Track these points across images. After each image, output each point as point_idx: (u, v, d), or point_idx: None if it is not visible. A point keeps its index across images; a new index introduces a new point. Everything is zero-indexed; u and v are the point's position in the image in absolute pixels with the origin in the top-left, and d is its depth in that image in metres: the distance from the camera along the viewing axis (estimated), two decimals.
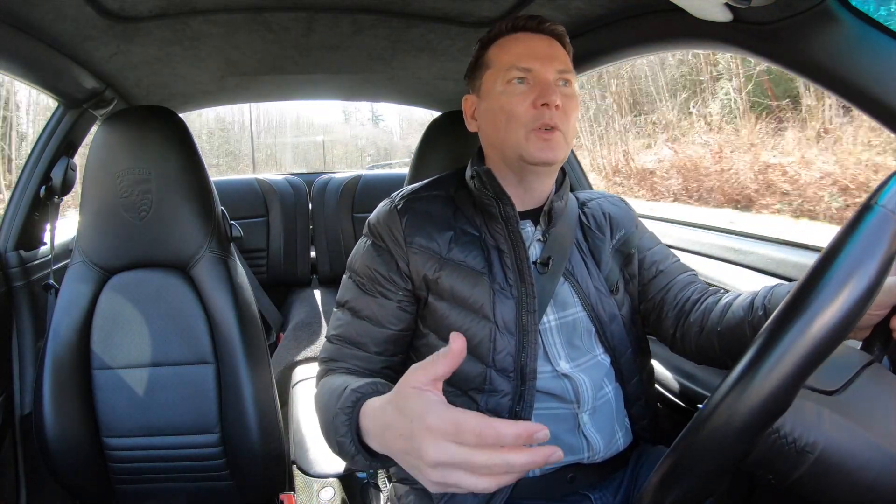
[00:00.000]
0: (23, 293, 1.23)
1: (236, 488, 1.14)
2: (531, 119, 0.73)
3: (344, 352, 0.78)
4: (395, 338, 0.78)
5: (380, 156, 13.73)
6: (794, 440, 0.46)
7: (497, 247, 0.77)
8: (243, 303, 1.12)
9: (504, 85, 0.75)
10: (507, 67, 0.75)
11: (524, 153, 0.74)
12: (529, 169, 0.76)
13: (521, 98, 0.74)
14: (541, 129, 0.73)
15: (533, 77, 0.74)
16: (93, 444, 1.08)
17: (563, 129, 0.74)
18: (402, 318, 0.78)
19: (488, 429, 0.43)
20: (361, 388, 0.61)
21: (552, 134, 0.73)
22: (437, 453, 0.44)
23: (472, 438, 0.44)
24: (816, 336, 0.41)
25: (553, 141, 0.73)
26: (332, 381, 0.71)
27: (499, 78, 0.76)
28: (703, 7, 0.71)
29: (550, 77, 0.74)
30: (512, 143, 0.75)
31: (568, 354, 0.76)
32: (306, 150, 13.76)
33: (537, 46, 0.76)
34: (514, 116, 0.74)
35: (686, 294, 0.83)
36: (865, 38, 0.61)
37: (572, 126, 0.76)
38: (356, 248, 0.83)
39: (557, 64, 0.75)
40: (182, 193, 1.09)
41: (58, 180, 1.25)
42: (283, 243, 2.01)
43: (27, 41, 0.96)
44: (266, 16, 1.05)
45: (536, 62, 0.74)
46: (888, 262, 0.41)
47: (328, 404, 0.65)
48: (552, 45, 0.77)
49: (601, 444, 0.75)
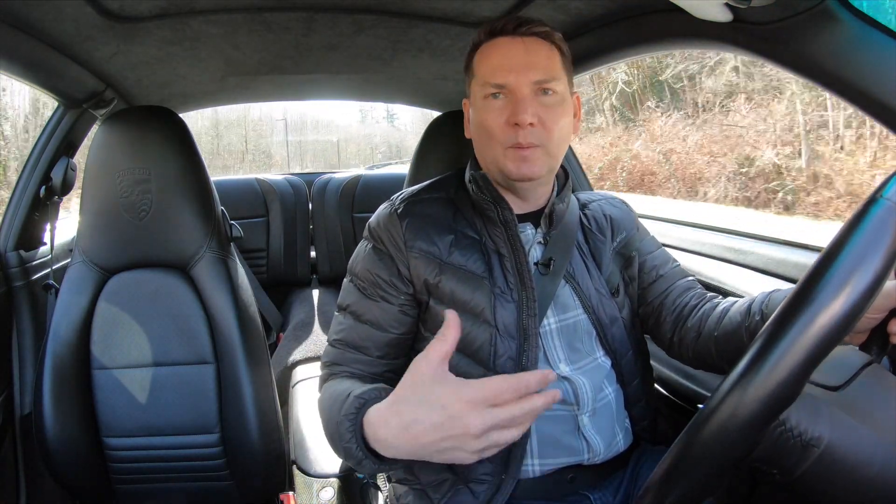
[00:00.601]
0: (23, 293, 1.23)
1: (236, 488, 1.14)
2: (506, 138, 0.72)
3: (346, 356, 0.78)
4: (397, 341, 0.78)
5: (392, 153, 14.05)
6: (801, 433, 0.47)
7: (497, 250, 0.77)
8: (243, 303, 1.12)
9: (482, 100, 0.74)
10: (482, 82, 0.74)
11: (503, 169, 0.74)
12: (514, 184, 0.76)
13: (497, 115, 0.72)
14: (515, 148, 0.72)
15: (508, 91, 0.72)
16: (93, 444, 1.08)
17: (542, 144, 0.72)
18: (403, 322, 0.78)
19: (520, 383, 0.51)
20: (364, 393, 0.61)
21: (529, 151, 0.72)
22: (483, 421, 0.50)
23: (509, 396, 0.51)
24: (826, 324, 0.41)
25: (531, 158, 0.72)
26: (335, 386, 0.71)
27: (479, 91, 0.75)
28: (703, 7, 0.71)
29: (525, 91, 0.71)
30: (492, 159, 0.75)
31: (568, 357, 0.76)
32: (324, 148, 14.18)
33: (513, 56, 0.72)
34: (490, 133, 0.73)
35: (685, 299, 0.83)
36: (865, 38, 0.61)
37: (556, 137, 0.73)
38: (357, 252, 0.82)
39: (534, 74, 0.71)
40: (182, 193, 1.09)
41: (58, 180, 1.24)
42: (283, 243, 2.01)
43: (27, 41, 0.96)
44: (266, 16, 1.05)
45: (511, 75, 0.71)
46: (893, 254, 0.41)
47: (332, 411, 0.66)
48: (531, 49, 0.72)
49: (601, 446, 0.75)
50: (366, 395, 0.61)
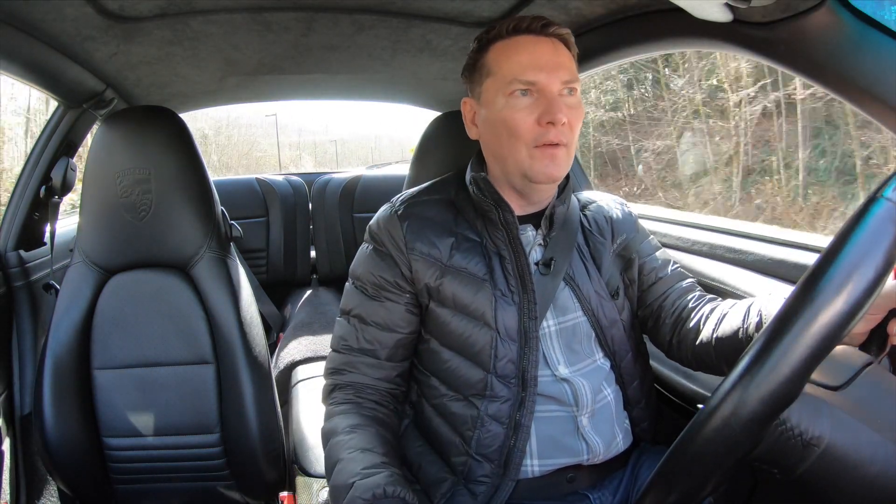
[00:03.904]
0: (23, 293, 1.23)
1: (236, 488, 1.14)
2: (535, 136, 0.71)
3: (353, 360, 0.78)
4: (405, 341, 0.78)
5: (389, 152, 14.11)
6: (801, 433, 0.47)
7: (498, 252, 0.76)
8: (243, 303, 1.12)
9: (506, 97, 0.72)
10: (509, 79, 0.71)
11: (528, 171, 0.72)
12: (532, 186, 0.75)
13: (525, 113, 0.71)
14: (544, 146, 0.71)
15: (537, 90, 0.71)
16: (93, 443, 1.08)
17: (566, 144, 0.72)
18: (410, 321, 0.78)
19: None
20: (380, 481, 0.63)
21: (556, 150, 0.71)
22: None
23: None
24: (826, 324, 0.41)
25: (557, 158, 0.71)
26: (344, 422, 0.73)
27: (501, 89, 0.72)
28: (703, 7, 0.71)
29: (556, 89, 0.71)
30: (515, 160, 0.73)
31: (567, 359, 0.76)
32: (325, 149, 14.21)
33: (542, 54, 0.72)
34: (516, 133, 0.71)
35: (684, 301, 0.82)
36: (865, 38, 0.61)
37: (576, 138, 0.74)
38: (358, 255, 0.82)
39: (563, 73, 0.71)
40: (182, 193, 1.09)
41: (58, 180, 1.25)
42: (283, 243, 2.01)
43: (27, 41, 0.96)
44: (266, 16, 1.05)
45: (541, 73, 0.70)
46: (893, 254, 0.42)
47: (339, 457, 0.68)
48: (557, 50, 0.73)
49: (601, 447, 0.75)
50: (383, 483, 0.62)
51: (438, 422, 0.77)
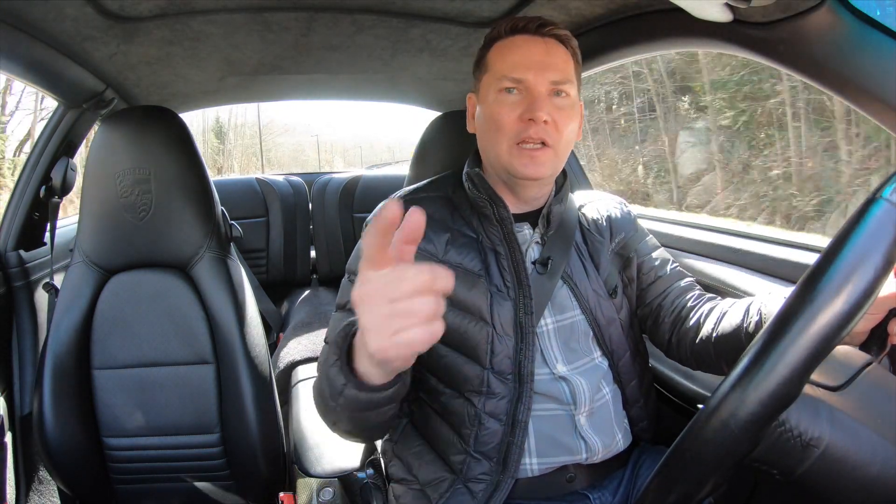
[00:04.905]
0: (23, 293, 1.23)
1: (236, 488, 1.14)
2: (516, 132, 0.72)
3: None
4: None
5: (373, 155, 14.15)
6: (800, 434, 0.47)
7: (494, 248, 0.77)
8: (243, 303, 1.12)
9: (496, 93, 0.74)
10: (499, 76, 0.74)
11: (508, 166, 0.74)
12: (516, 181, 0.76)
13: (510, 109, 0.72)
14: (526, 144, 0.72)
15: (524, 88, 0.72)
16: (93, 443, 1.08)
17: (552, 144, 0.72)
18: None
19: None
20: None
21: (539, 151, 0.72)
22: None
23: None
24: (826, 324, 0.41)
25: (540, 157, 0.72)
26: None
27: (493, 85, 0.75)
28: (703, 7, 0.71)
29: (542, 89, 0.72)
30: (496, 154, 0.75)
31: (565, 357, 0.76)
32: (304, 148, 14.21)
33: (533, 53, 0.73)
34: (500, 127, 0.73)
35: (683, 300, 0.82)
36: (865, 38, 0.61)
37: (565, 139, 0.74)
38: (355, 250, 0.82)
39: (552, 73, 0.72)
40: (182, 193, 1.09)
41: (58, 180, 1.24)
42: (283, 243, 2.02)
43: (27, 41, 0.96)
44: (266, 16, 1.05)
45: (529, 72, 0.72)
46: (893, 254, 0.42)
47: (323, 361, 0.64)
48: (550, 50, 0.74)
49: (599, 446, 0.75)
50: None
51: (437, 420, 0.77)
